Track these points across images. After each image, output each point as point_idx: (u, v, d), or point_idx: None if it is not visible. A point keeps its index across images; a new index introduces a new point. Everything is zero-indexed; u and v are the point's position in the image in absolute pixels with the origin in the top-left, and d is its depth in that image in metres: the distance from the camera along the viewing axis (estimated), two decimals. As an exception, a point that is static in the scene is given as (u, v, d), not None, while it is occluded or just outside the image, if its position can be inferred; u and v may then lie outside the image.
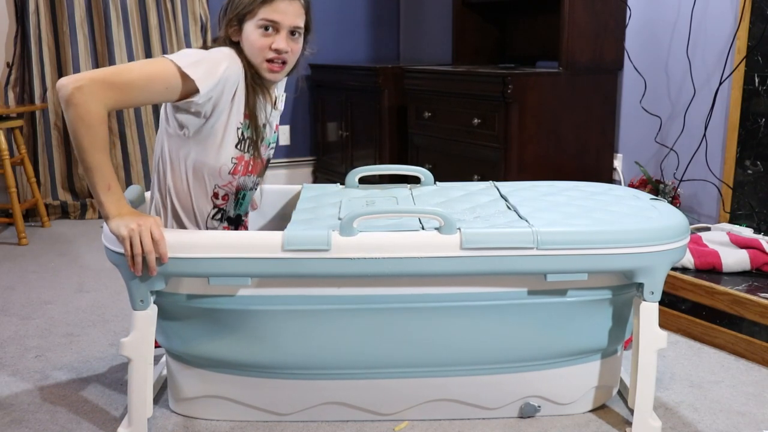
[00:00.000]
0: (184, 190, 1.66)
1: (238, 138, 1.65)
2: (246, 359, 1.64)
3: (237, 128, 1.65)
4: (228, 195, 1.70)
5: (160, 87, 1.52)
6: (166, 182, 1.67)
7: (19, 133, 3.42)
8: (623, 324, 1.69)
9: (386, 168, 1.99)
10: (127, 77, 1.48)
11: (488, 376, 1.68)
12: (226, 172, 1.66)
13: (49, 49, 3.66)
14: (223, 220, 1.72)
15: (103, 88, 1.45)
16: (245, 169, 1.70)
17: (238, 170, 1.68)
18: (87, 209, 3.77)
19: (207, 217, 1.69)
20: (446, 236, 1.51)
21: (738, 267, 2.26)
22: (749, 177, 2.65)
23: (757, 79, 2.59)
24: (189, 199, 1.67)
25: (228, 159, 1.65)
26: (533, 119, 2.97)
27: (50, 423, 1.74)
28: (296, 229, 1.53)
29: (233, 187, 1.70)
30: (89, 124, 1.44)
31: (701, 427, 1.71)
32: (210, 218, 1.69)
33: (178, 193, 1.67)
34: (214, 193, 1.68)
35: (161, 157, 1.68)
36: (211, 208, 1.69)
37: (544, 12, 3.45)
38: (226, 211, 1.72)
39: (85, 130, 1.44)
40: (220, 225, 1.71)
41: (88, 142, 1.45)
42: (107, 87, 1.45)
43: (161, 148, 1.68)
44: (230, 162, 1.66)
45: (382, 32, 4.60)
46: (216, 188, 1.68)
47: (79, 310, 2.47)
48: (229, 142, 1.64)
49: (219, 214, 1.71)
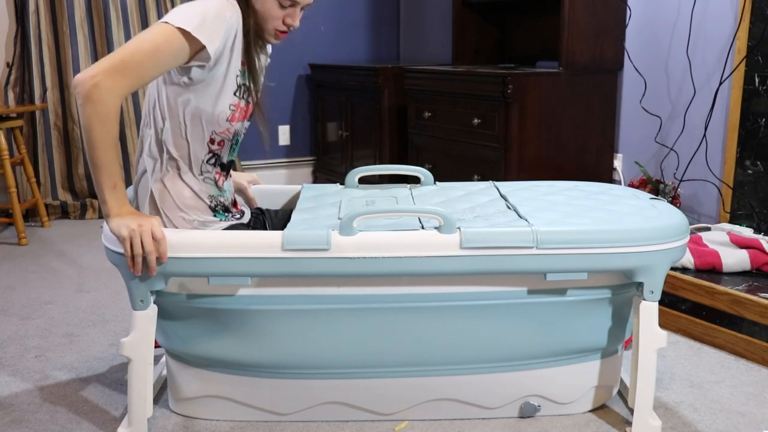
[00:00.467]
0: (181, 136, 1.65)
1: (236, 85, 1.65)
2: (246, 359, 1.64)
3: (236, 75, 1.65)
4: (224, 141, 1.70)
5: (169, 58, 1.52)
6: (163, 130, 1.65)
7: (19, 133, 3.42)
8: (623, 323, 1.69)
9: (386, 168, 1.99)
10: (137, 58, 1.49)
11: (488, 375, 1.68)
12: (223, 119, 1.65)
13: (49, 49, 3.66)
14: (216, 165, 1.71)
15: (119, 77, 1.46)
16: (241, 116, 1.69)
17: (235, 117, 1.67)
18: (87, 209, 3.77)
19: (202, 162, 1.69)
20: (446, 236, 1.51)
21: (738, 267, 2.26)
22: (749, 177, 2.65)
23: (757, 79, 2.59)
24: (186, 145, 1.66)
25: (226, 106, 1.65)
26: (533, 119, 2.97)
27: (50, 423, 1.74)
28: (296, 229, 1.53)
29: (230, 134, 1.69)
30: (104, 120, 1.46)
31: (701, 427, 1.71)
32: (204, 162, 1.69)
33: (175, 140, 1.65)
34: (211, 139, 1.67)
35: (157, 107, 1.66)
36: (206, 153, 1.68)
37: (544, 12, 3.45)
38: (221, 156, 1.71)
39: (100, 127, 1.46)
40: (213, 169, 1.70)
41: (101, 138, 1.47)
42: (122, 75, 1.47)
43: (156, 98, 1.66)
44: (228, 109, 1.65)
45: (382, 32, 4.60)
46: (213, 134, 1.67)
47: (79, 310, 2.47)
48: (228, 90, 1.64)
49: (213, 158, 1.70)
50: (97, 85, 1.44)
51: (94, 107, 1.45)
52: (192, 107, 1.63)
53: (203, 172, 1.69)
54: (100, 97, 1.44)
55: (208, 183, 1.70)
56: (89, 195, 3.81)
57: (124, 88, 1.47)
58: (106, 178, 1.50)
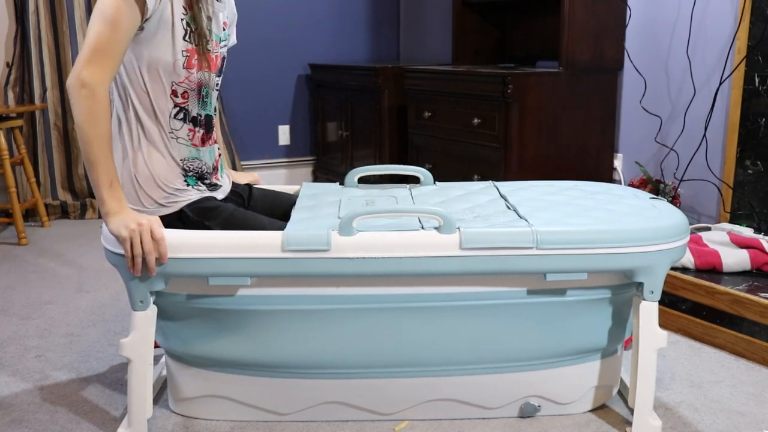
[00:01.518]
0: (142, 91, 1.65)
1: (183, 29, 1.65)
2: (246, 359, 1.64)
3: (181, 19, 1.64)
4: (188, 92, 1.69)
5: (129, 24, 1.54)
6: (125, 89, 1.66)
7: (19, 133, 3.42)
8: (623, 323, 1.68)
9: (386, 168, 1.99)
10: (103, 39, 1.51)
11: (488, 375, 1.68)
12: (180, 67, 1.65)
13: (48, 49, 3.66)
14: (186, 120, 1.71)
15: (99, 67, 1.50)
16: (199, 64, 1.69)
17: (192, 64, 1.67)
18: (87, 209, 3.77)
19: (169, 117, 1.68)
20: (446, 236, 1.51)
21: (738, 267, 2.26)
22: (749, 177, 2.65)
23: (757, 79, 2.59)
24: (148, 99, 1.66)
25: (179, 52, 1.64)
26: (533, 119, 2.97)
27: (50, 423, 1.74)
28: (296, 229, 1.53)
29: (192, 83, 1.69)
30: (95, 115, 1.49)
31: (701, 427, 1.71)
32: (172, 117, 1.68)
33: (138, 96, 1.65)
34: (173, 90, 1.67)
35: None
36: (172, 107, 1.68)
37: (544, 12, 3.45)
38: (188, 110, 1.71)
39: (92, 122, 1.49)
40: (183, 125, 1.70)
41: (94, 134, 1.50)
42: (100, 63, 1.50)
43: None
44: (181, 55, 1.65)
45: (382, 32, 4.60)
46: (174, 86, 1.67)
47: (79, 310, 2.47)
48: (177, 35, 1.64)
49: (181, 113, 1.70)
50: (83, 82, 1.48)
51: (85, 103, 1.49)
52: (146, 59, 1.63)
53: (173, 130, 1.68)
54: (90, 92, 1.49)
55: (181, 144, 1.70)
56: (89, 195, 3.81)
57: (107, 73, 1.52)
58: (102, 175, 1.51)
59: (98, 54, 1.51)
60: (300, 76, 4.41)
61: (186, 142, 1.70)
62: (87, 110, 1.49)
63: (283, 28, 4.28)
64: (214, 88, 1.77)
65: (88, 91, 1.48)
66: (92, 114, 1.49)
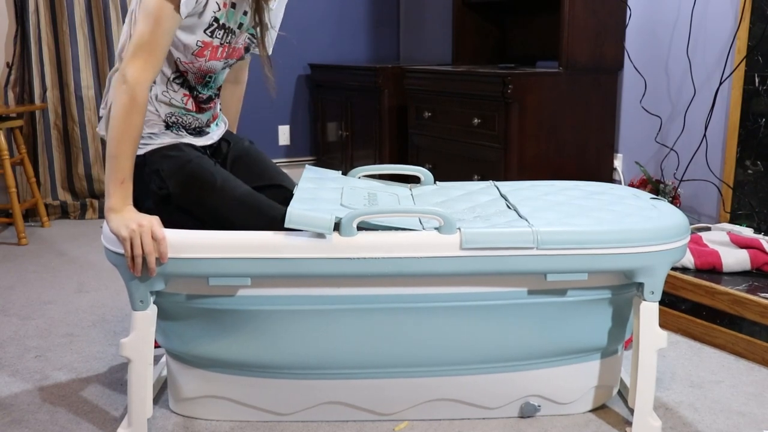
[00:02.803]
0: None
1: (210, 23, 1.64)
2: (246, 359, 1.64)
3: (213, 12, 1.63)
4: (188, 72, 1.70)
5: (171, 21, 1.55)
6: None
7: (19, 133, 3.42)
8: (623, 324, 1.68)
9: (386, 168, 1.99)
10: (146, 37, 1.53)
11: (488, 375, 1.68)
12: (189, 53, 1.66)
13: (48, 49, 3.65)
14: (183, 86, 1.71)
15: (141, 63, 1.52)
16: (213, 55, 1.69)
17: (203, 54, 1.67)
18: (87, 209, 3.77)
19: (168, 79, 1.69)
20: (446, 236, 1.51)
21: (738, 267, 2.26)
22: (749, 177, 2.65)
23: (757, 79, 2.59)
24: None
25: (193, 41, 1.65)
26: (533, 119, 2.97)
27: (50, 423, 1.74)
28: (298, 208, 1.51)
29: (194, 67, 1.69)
30: (130, 113, 1.52)
31: (701, 427, 1.71)
32: (171, 81, 1.70)
33: None
34: (176, 63, 1.69)
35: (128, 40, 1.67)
36: (173, 72, 1.70)
37: (544, 12, 3.45)
38: (189, 80, 1.72)
39: (125, 118, 1.52)
40: (180, 89, 1.71)
41: (124, 130, 1.52)
42: (143, 60, 1.53)
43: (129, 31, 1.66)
44: (195, 45, 1.65)
45: (382, 32, 4.60)
46: (178, 62, 1.68)
47: (79, 310, 2.47)
48: (200, 27, 1.64)
49: (180, 78, 1.71)
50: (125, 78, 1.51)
51: (122, 99, 1.51)
52: None
53: (168, 89, 1.70)
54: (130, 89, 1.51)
55: (174, 101, 1.71)
56: (89, 195, 3.80)
57: (149, 70, 1.54)
58: (118, 171, 1.52)
59: (141, 50, 1.53)
60: (300, 76, 4.41)
61: (179, 103, 1.73)
62: (122, 106, 1.51)
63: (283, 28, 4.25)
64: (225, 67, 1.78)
65: (128, 88, 1.51)
66: (127, 111, 1.51)
